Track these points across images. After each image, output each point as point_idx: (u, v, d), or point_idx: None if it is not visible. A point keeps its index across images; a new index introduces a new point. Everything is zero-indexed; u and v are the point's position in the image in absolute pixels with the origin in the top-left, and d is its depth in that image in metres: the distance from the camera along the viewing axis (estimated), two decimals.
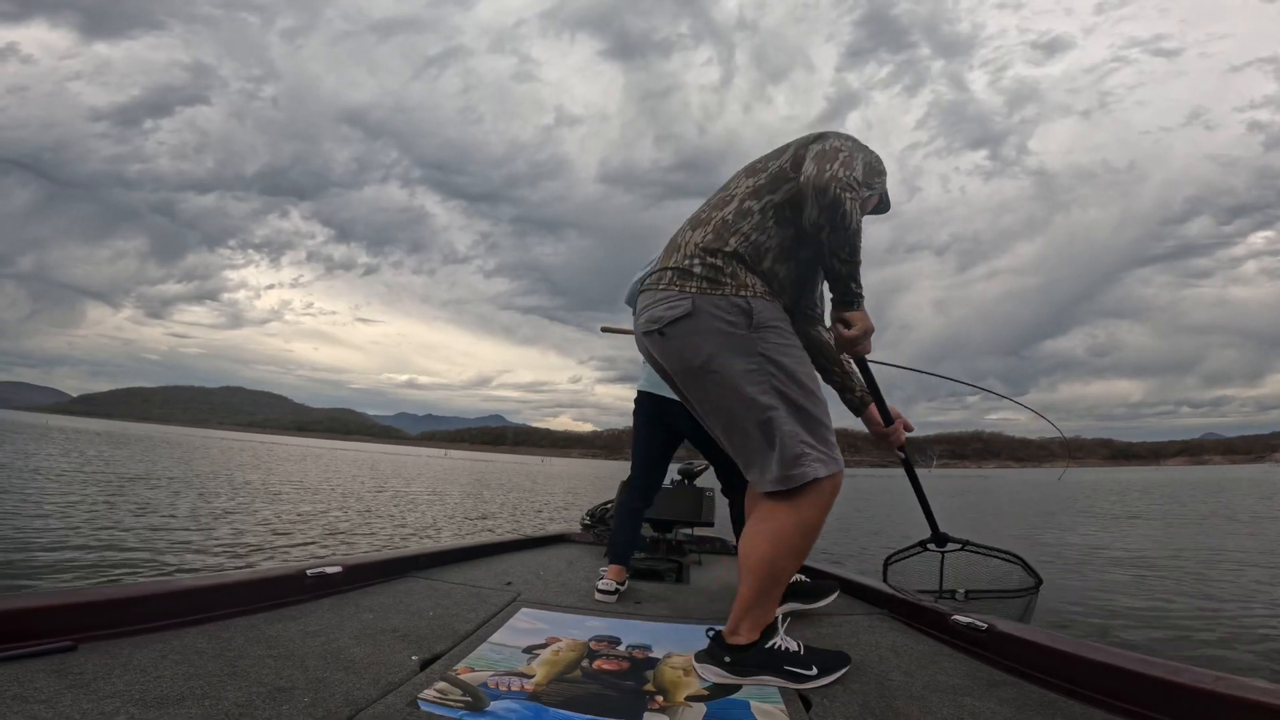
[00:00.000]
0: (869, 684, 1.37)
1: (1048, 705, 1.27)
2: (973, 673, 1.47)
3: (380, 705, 1.08)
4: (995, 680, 1.41)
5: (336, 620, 1.56)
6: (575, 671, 1.35)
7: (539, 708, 1.14)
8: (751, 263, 1.43)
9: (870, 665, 1.50)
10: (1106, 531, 9.12)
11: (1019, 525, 10.44)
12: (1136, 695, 1.19)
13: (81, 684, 1.01)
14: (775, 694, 1.27)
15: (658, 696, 1.24)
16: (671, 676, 1.36)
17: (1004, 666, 1.49)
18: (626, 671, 1.38)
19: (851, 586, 2.36)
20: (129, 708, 0.95)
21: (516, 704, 1.14)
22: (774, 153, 1.54)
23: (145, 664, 1.13)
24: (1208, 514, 12.15)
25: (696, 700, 1.23)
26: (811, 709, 1.22)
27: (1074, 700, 1.28)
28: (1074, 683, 1.31)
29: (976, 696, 1.30)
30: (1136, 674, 1.21)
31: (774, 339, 1.40)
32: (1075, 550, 6.98)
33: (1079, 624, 3.76)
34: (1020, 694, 1.33)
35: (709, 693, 1.28)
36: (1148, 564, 5.98)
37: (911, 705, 1.25)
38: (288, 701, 1.05)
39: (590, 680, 1.31)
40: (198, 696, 1.02)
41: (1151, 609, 4.16)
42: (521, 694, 1.19)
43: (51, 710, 0.91)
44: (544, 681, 1.27)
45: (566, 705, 1.16)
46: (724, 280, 1.39)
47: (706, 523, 3.28)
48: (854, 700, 1.27)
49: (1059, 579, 4.89)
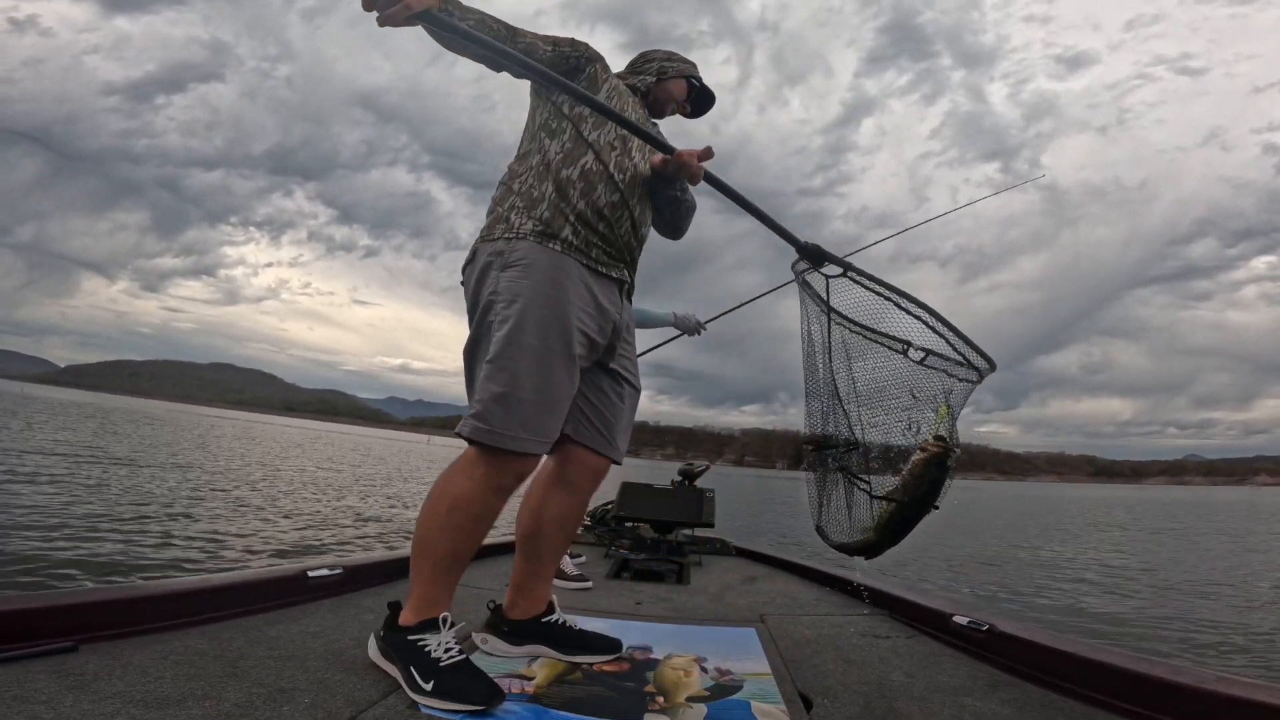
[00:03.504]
0: (870, 685, 1.37)
1: (1049, 706, 1.27)
2: (973, 673, 1.47)
3: (381, 707, 1.08)
4: (996, 681, 1.41)
5: (337, 621, 1.56)
6: (576, 673, 1.35)
7: (540, 709, 1.14)
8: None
9: (871, 666, 1.50)
10: (1063, 544, 9.29)
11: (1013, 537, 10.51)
12: (1138, 696, 1.19)
13: (82, 685, 1.01)
14: (776, 694, 1.27)
15: (658, 697, 1.24)
16: (672, 677, 1.36)
17: (1005, 667, 1.49)
18: (627, 673, 1.38)
19: (852, 587, 2.36)
20: (129, 708, 0.95)
21: (518, 705, 1.14)
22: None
23: (146, 665, 1.13)
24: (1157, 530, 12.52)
25: (697, 701, 1.23)
26: (812, 709, 1.22)
27: (1075, 701, 1.28)
28: (1075, 683, 1.31)
29: (977, 697, 1.30)
30: (1138, 674, 1.21)
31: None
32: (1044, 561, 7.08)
33: (1080, 625, 3.76)
34: (1021, 695, 1.33)
35: (709, 694, 1.28)
36: (1116, 573, 6.05)
37: (912, 706, 1.25)
38: (288, 702, 1.05)
39: (591, 681, 1.31)
40: (198, 697, 1.02)
41: (1148, 611, 4.17)
42: (522, 696, 1.19)
43: (52, 711, 0.91)
44: (545, 683, 1.27)
45: (567, 707, 1.16)
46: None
47: (707, 523, 3.28)
48: (855, 701, 1.27)
49: (1056, 580, 4.90)
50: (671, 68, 1.69)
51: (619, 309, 1.48)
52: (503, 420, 1.25)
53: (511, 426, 1.25)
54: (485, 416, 1.25)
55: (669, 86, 1.69)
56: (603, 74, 1.50)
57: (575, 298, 1.34)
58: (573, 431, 1.46)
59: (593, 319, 1.38)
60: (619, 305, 1.48)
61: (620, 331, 1.50)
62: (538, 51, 1.38)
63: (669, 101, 1.70)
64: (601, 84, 1.48)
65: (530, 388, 1.27)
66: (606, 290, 1.42)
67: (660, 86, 1.68)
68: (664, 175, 1.46)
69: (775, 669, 1.44)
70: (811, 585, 2.54)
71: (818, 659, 1.55)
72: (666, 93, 1.68)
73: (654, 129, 1.63)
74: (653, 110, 1.69)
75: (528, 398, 1.27)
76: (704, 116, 1.81)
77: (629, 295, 1.55)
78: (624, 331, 1.52)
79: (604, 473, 1.55)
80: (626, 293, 1.53)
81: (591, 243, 1.39)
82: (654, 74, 1.67)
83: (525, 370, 1.27)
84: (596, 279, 1.40)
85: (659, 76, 1.67)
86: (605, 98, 1.45)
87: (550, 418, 1.31)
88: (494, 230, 1.38)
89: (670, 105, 1.71)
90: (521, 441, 1.26)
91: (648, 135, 1.38)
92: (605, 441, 1.50)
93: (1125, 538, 11.44)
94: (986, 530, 11.79)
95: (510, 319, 1.28)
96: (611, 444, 1.51)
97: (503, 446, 1.25)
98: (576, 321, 1.33)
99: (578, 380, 1.38)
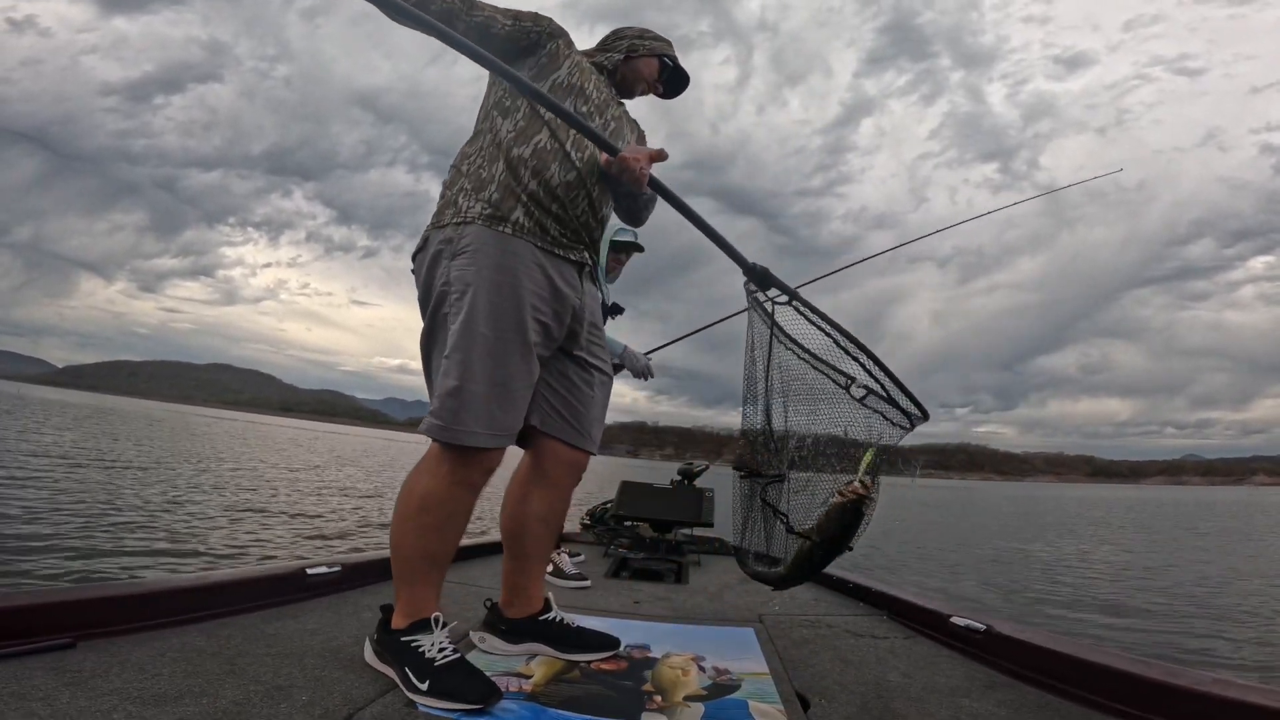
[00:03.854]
0: (867, 685, 1.37)
1: (1045, 707, 1.27)
2: (971, 674, 1.47)
3: (379, 705, 1.08)
4: (993, 682, 1.42)
5: (335, 619, 1.56)
6: (574, 671, 1.35)
7: (538, 708, 1.14)
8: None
9: (868, 666, 1.51)
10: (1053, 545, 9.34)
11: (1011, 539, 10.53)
12: (1134, 697, 1.19)
13: (79, 681, 1.01)
14: (774, 694, 1.27)
15: (656, 696, 1.24)
16: (670, 677, 1.36)
17: (1002, 668, 1.49)
18: (625, 671, 1.38)
19: (851, 588, 2.37)
20: (126, 705, 0.95)
21: (515, 704, 1.14)
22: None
23: (143, 662, 1.13)
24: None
25: (695, 700, 1.23)
26: (810, 709, 1.22)
27: (1071, 702, 1.28)
28: (1071, 684, 1.31)
29: (974, 698, 1.31)
30: (1134, 676, 1.21)
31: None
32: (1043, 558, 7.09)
33: (1076, 626, 3.77)
34: (1018, 695, 1.33)
35: (707, 693, 1.28)
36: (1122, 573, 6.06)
37: (909, 706, 1.25)
38: (286, 700, 1.05)
39: (589, 680, 1.31)
40: (196, 695, 1.02)
41: (1145, 613, 4.18)
42: (520, 694, 1.19)
43: (49, 708, 0.91)
44: (542, 682, 1.27)
45: (565, 705, 1.16)
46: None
47: (706, 523, 3.29)
48: (852, 701, 1.27)
49: (1056, 581, 4.91)
50: (643, 46, 1.60)
51: (579, 293, 1.41)
52: (458, 416, 1.21)
53: (467, 422, 1.21)
54: (441, 413, 1.21)
55: (638, 65, 1.60)
56: (565, 50, 1.43)
57: (529, 282, 1.29)
58: (539, 423, 1.41)
59: (549, 304, 1.32)
60: (579, 289, 1.41)
61: (582, 316, 1.44)
62: (495, 25, 1.33)
63: (638, 81, 1.62)
64: (563, 60, 1.41)
65: (485, 380, 1.23)
66: (565, 273, 1.36)
67: (628, 65, 1.60)
68: (607, 175, 1.37)
69: (773, 669, 1.44)
70: (810, 586, 2.54)
71: (815, 659, 1.55)
72: (635, 72, 1.61)
73: (620, 109, 1.56)
74: (620, 90, 1.61)
75: (482, 390, 1.22)
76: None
77: (593, 277, 1.50)
78: (587, 315, 1.46)
79: (582, 465, 1.50)
80: (589, 275, 1.47)
81: (546, 224, 1.33)
82: (622, 52, 1.59)
83: (479, 362, 1.22)
84: (553, 261, 1.34)
85: (627, 54, 1.59)
86: (566, 75, 1.39)
87: (509, 410, 1.27)
88: (443, 216, 1.32)
89: (640, 85, 1.63)
90: (478, 437, 1.22)
91: (588, 130, 1.27)
92: (575, 432, 1.45)
93: (1123, 536, 11.49)
94: (983, 530, 11.82)
95: (462, 310, 1.24)
96: (582, 434, 1.46)
97: (460, 443, 1.21)
98: (531, 308, 1.29)
99: (537, 369, 1.33)
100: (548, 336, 1.35)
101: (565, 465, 1.47)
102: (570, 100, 1.38)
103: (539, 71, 1.40)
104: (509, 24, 1.35)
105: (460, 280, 1.26)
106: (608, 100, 1.49)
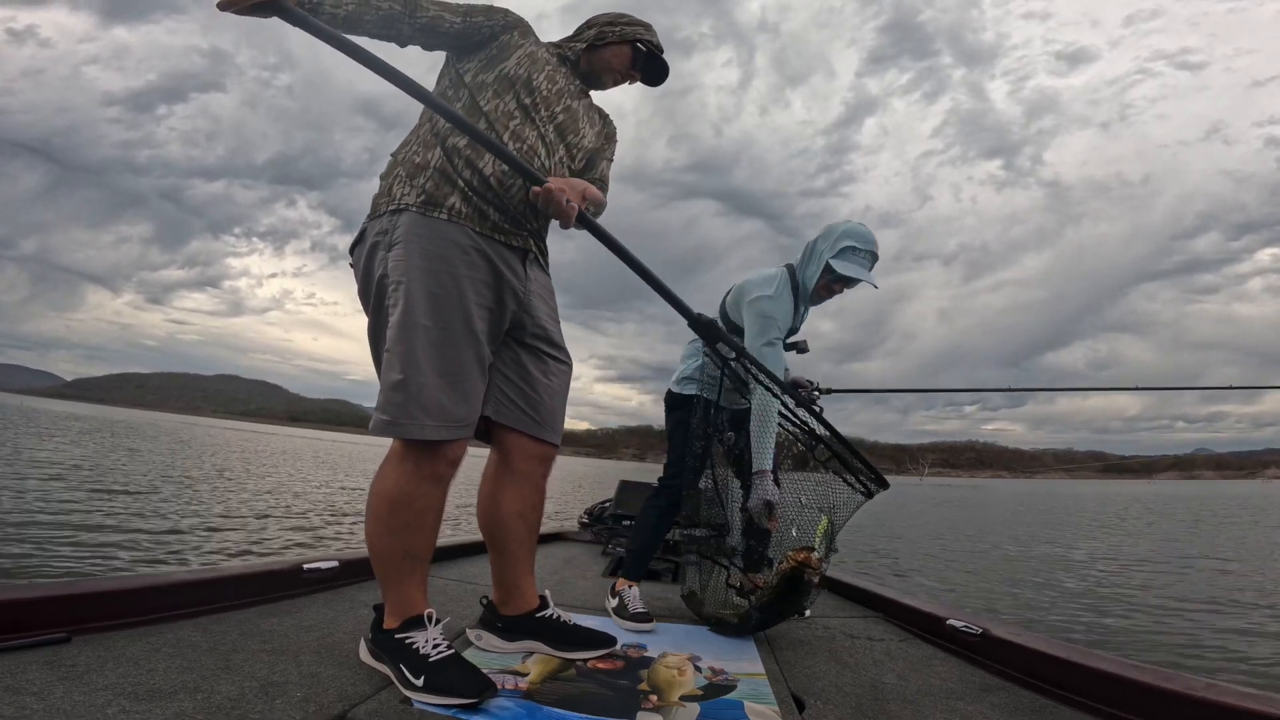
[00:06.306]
0: (862, 687, 1.37)
1: (1040, 710, 1.27)
2: (966, 677, 1.47)
3: (374, 701, 1.08)
4: (988, 685, 1.42)
5: (331, 615, 1.56)
6: (570, 670, 1.35)
7: (533, 706, 1.14)
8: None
9: (864, 668, 1.51)
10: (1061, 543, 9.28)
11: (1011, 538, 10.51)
12: (1128, 701, 1.20)
13: (74, 676, 1.01)
14: (769, 694, 1.28)
15: (652, 696, 1.24)
16: (666, 676, 1.36)
17: (997, 671, 1.49)
18: (621, 670, 1.38)
19: (847, 589, 2.37)
20: (120, 700, 0.95)
21: (511, 702, 1.14)
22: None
23: (138, 656, 1.13)
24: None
25: (690, 700, 1.23)
26: (805, 710, 1.22)
27: (1066, 706, 1.28)
28: (1066, 688, 1.32)
29: (969, 701, 1.31)
30: (1128, 680, 1.22)
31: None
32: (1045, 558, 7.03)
33: (1072, 630, 3.77)
34: (1012, 699, 1.33)
35: (703, 693, 1.28)
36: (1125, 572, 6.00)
37: (904, 709, 1.25)
38: (281, 696, 1.04)
39: (584, 679, 1.31)
40: (190, 690, 1.02)
41: (1141, 615, 4.18)
42: (516, 692, 1.19)
43: (42, 702, 0.91)
44: (538, 680, 1.27)
45: (561, 704, 1.16)
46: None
47: None
48: (847, 702, 1.27)
49: (1052, 583, 4.91)
50: (612, 32, 1.50)
51: (523, 279, 1.37)
52: (406, 409, 1.18)
53: (416, 415, 1.18)
54: (387, 408, 1.19)
55: (605, 54, 1.50)
56: (518, 41, 1.37)
57: (466, 269, 1.25)
58: (494, 414, 1.38)
59: (491, 290, 1.29)
60: (523, 276, 1.37)
61: (529, 303, 1.40)
62: (444, 23, 1.30)
63: (606, 72, 1.52)
64: (513, 51, 1.36)
65: (430, 371, 1.20)
66: (507, 259, 1.32)
67: (594, 54, 1.51)
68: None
69: (769, 669, 1.44)
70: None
71: (811, 660, 1.56)
72: (603, 61, 1.51)
73: (581, 101, 1.49)
74: (587, 81, 1.53)
75: (428, 382, 1.19)
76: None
77: (540, 264, 1.45)
78: (536, 303, 1.42)
79: (550, 456, 1.47)
80: (534, 262, 1.41)
81: (485, 211, 1.29)
82: (587, 40, 1.50)
83: (422, 353, 1.19)
84: (494, 247, 1.30)
85: (592, 43, 1.50)
86: (513, 66, 1.35)
87: (460, 401, 1.23)
88: (378, 205, 1.29)
89: (609, 76, 1.53)
90: (429, 429, 1.19)
91: (510, 158, 1.18)
92: (534, 423, 1.41)
93: (1132, 534, 11.40)
94: (993, 531, 11.80)
95: (400, 301, 1.21)
96: (540, 424, 1.42)
97: (410, 437, 1.19)
98: (472, 294, 1.25)
99: (488, 357, 1.31)
100: (494, 324, 1.32)
101: (531, 457, 1.43)
102: (513, 93, 1.34)
103: (487, 63, 1.35)
104: (458, 21, 1.32)
105: (397, 270, 1.22)
106: (563, 92, 1.43)
